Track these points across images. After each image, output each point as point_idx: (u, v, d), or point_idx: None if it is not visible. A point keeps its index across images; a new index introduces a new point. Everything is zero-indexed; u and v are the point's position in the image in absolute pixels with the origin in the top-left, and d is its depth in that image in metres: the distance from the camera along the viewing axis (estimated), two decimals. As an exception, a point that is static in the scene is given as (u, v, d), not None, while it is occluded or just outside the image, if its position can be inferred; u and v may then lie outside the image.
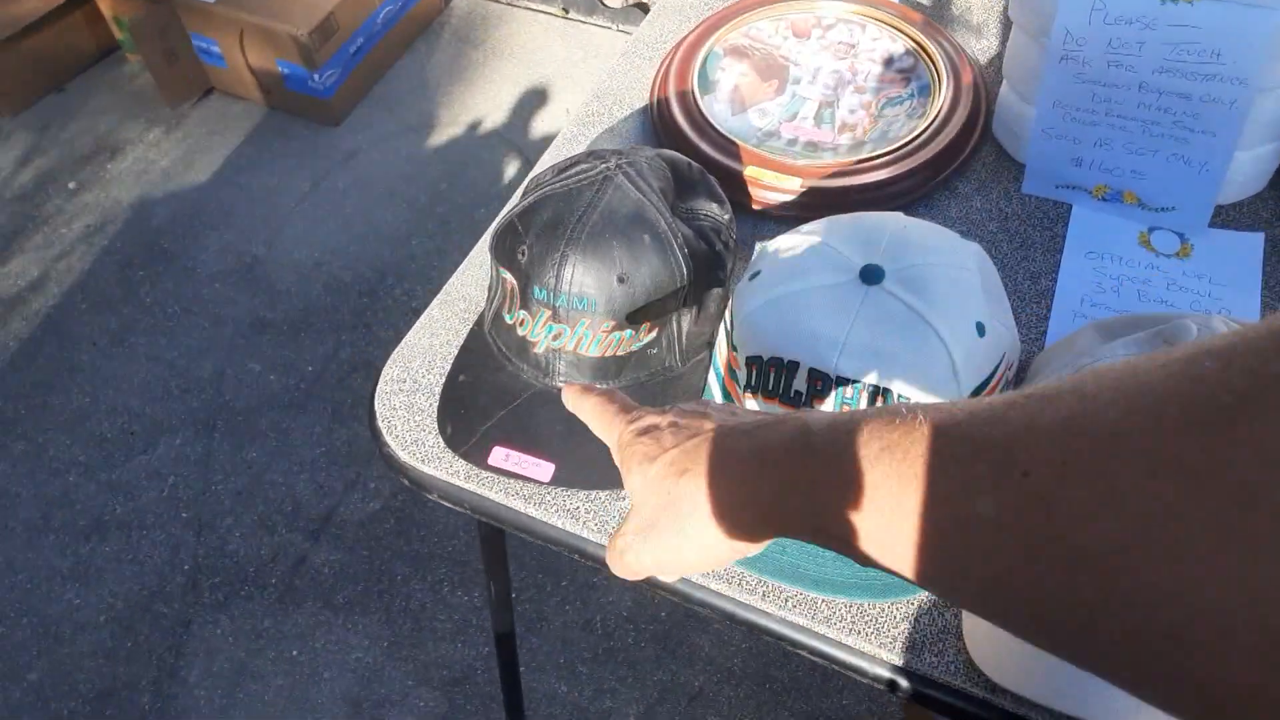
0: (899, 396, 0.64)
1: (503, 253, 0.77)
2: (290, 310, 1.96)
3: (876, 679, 0.65)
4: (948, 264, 0.68)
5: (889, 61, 0.96)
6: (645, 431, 0.49)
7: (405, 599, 1.56)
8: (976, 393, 0.66)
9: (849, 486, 0.36)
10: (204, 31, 2.23)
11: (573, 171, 0.78)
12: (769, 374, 0.68)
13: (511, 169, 2.14)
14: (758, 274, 0.72)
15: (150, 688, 1.51)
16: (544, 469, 0.74)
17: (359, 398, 1.81)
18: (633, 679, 1.45)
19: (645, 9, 2.36)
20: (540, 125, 2.25)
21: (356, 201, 2.15)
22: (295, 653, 1.53)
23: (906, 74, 0.94)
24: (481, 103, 2.32)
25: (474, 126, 2.27)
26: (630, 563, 0.49)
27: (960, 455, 0.33)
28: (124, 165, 2.27)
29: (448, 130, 2.27)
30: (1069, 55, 0.75)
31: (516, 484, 0.74)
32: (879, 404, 0.64)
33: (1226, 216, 0.82)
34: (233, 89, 2.36)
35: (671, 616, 1.50)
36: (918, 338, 0.65)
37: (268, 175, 2.22)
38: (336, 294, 1.98)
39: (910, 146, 0.87)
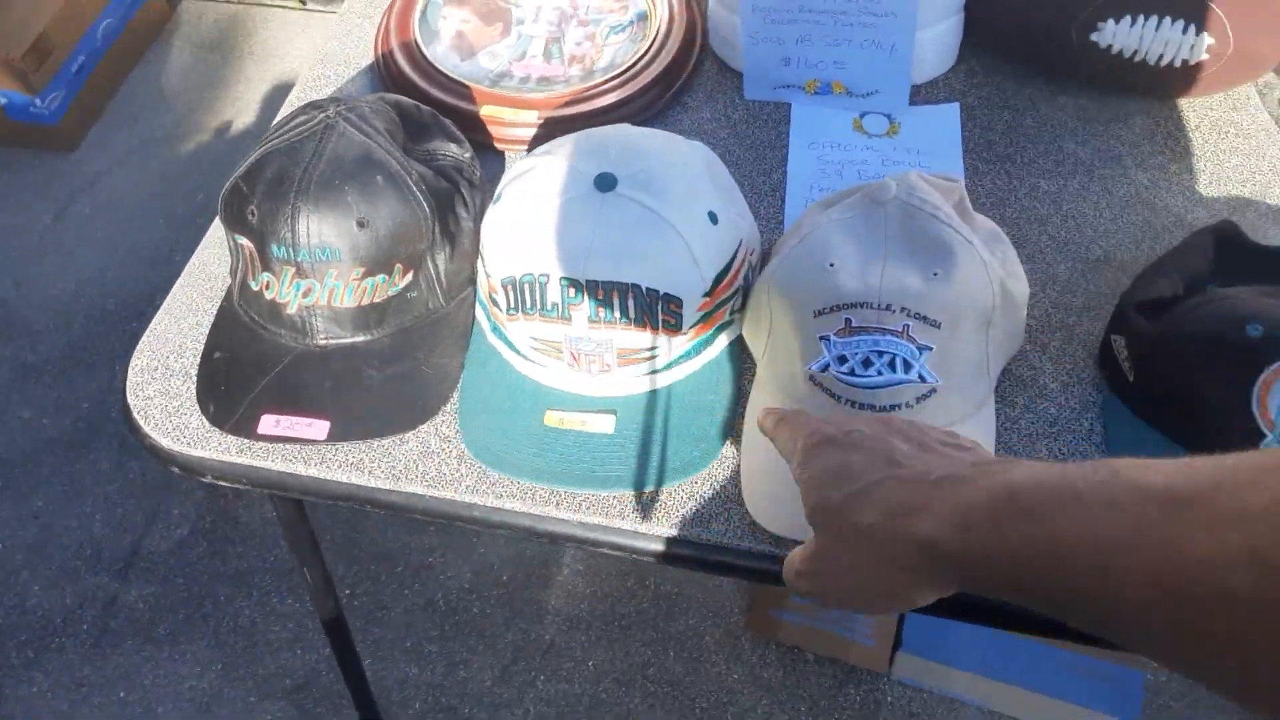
0: (646, 289, 0.67)
1: (232, 217, 0.75)
2: (54, 349, 1.82)
3: (678, 558, 0.68)
4: (674, 163, 0.71)
5: (608, -8, 0.98)
6: (827, 447, 0.49)
7: (233, 618, 1.49)
8: (720, 277, 0.70)
9: (1071, 548, 0.35)
10: (-100, 65, 2.01)
11: (292, 125, 0.76)
12: (524, 291, 0.69)
13: (275, 169, 2.05)
14: (500, 198, 0.73)
15: (-33, 769, 1.38)
16: (318, 427, 0.72)
17: (146, 428, 1.70)
18: (483, 646, 1.45)
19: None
20: (299, 121, 2.16)
21: (108, 226, 2.00)
22: (123, 694, 1.43)
23: (624, 2, 0.97)
24: (228, 107, 2.21)
25: (223, 132, 2.16)
26: (803, 590, 0.49)
27: (1206, 520, 0.31)
28: None
29: (197, 139, 2.15)
30: (758, -42, 0.79)
31: (294, 448, 0.72)
32: (629, 302, 0.67)
33: (926, 94, 0.89)
34: (-53, 124, 2.14)
35: (513, 579, 1.51)
36: (655, 233, 0.67)
37: (2, 214, 2.04)
38: (102, 324, 1.85)
39: (636, 68, 0.90)
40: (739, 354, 0.73)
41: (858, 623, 1.36)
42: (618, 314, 0.68)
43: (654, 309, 0.68)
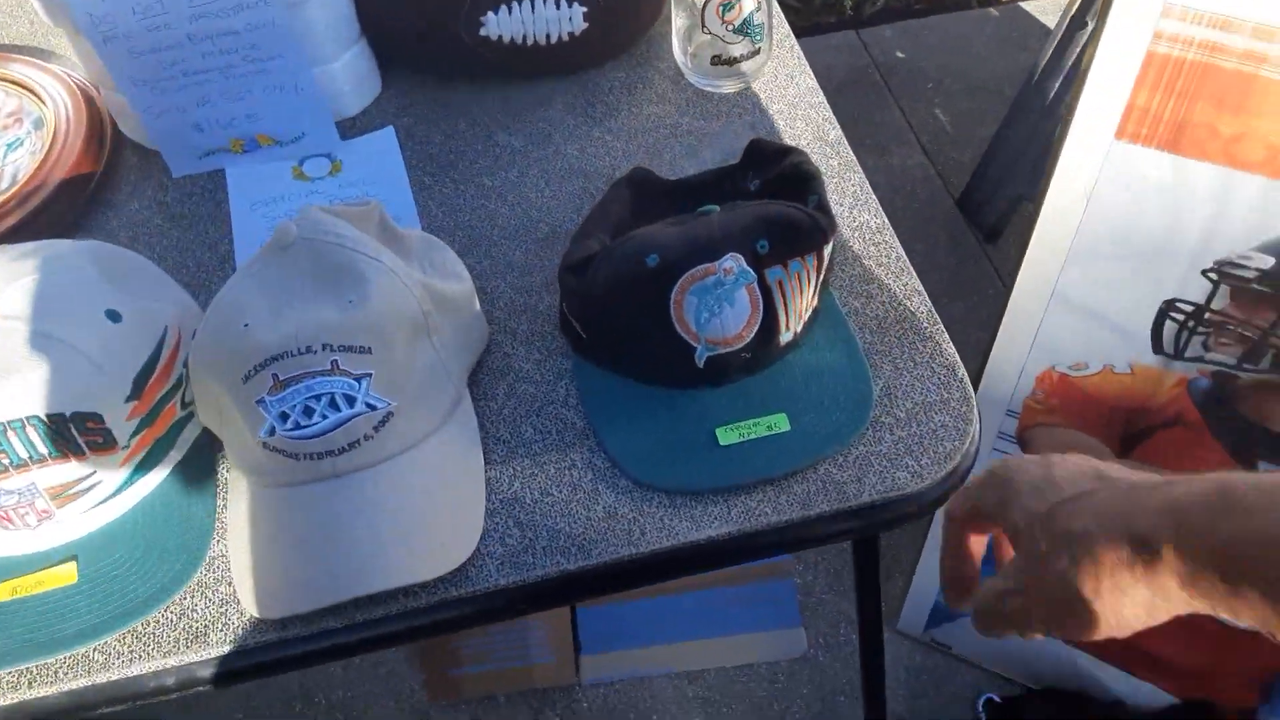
0: (48, 416, 0.58)
1: None
2: None
3: (190, 682, 0.61)
4: (53, 272, 0.63)
5: (-4, 107, 0.87)
6: (1026, 465, 0.49)
7: None
8: (144, 374, 0.62)
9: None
10: None
11: None
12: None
13: None
14: None
15: None
16: None
17: None
18: None
19: None
20: None
21: None
22: None
23: (16, 114, 0.87)
24: None
25: None
26: (1010, 612, 0.47)
27: None
28: None
29: None
30: (109, 36, 0.73)
31: None
32: (31, 436, 0.58)
33: (361, 124, 0.88)
34: None
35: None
36: (35, 351, 0.59)
37: None
38: None
39: (36, 180, 0.81)
40: (211, 448, 0.67)
41: (533, 646, 1.34)
42: (25, 454, 0.58)
43: (67, 434, 0.59)
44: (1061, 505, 0.45)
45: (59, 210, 0.81)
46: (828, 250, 0.66)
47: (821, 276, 0.67)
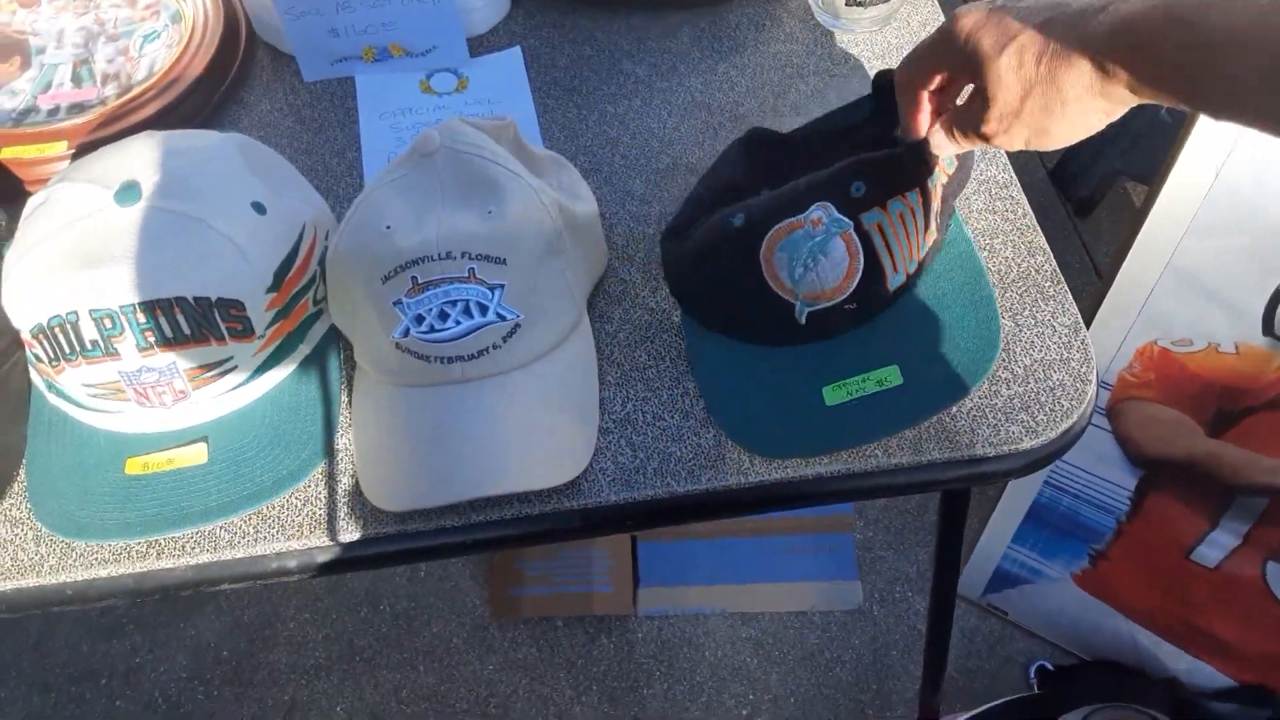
0: (194, 300, 0.61)
1: None
2: None
3: (309, 567, 0.63)
4: (204, 160, 0.65)
5: (132, 2, 0.89)
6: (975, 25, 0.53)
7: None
8: (284, 268, 0.64)
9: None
10: None
11: None
12: (57, 337, 0.61)
13: None
14: (11, 239, 0.64)
15: None
16: None
17: None
18: (218, 732, 1.32)
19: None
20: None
21: None
22: None
23: (154, 7, 0.89)
24: None
25: None
26: (1001, 143, 0.55)
27: None
28: None
29: None
30: (261, -71, 0.74)
31: None
32: (178, 318, 0.60)
33: (488, 43, 0.88)
34: None
35: (236, 651, 1.38)
36: (191, 238, 0.61)
37: None
38: None
39: (174, 73, 0.82)
40: (338, 344, 0.69)
41: (594, 573, 1.37)
42: (170, 333, 0.61)
43: (211, 318, 0.62)
44: (1037, 27, 0.50)
45: (194, 104, 0.82)
46: (933, 181, 0.63)
47: (935, 209, 0.64)
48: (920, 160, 0.61)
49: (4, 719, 1.15)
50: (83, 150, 0.78)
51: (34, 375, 0.68)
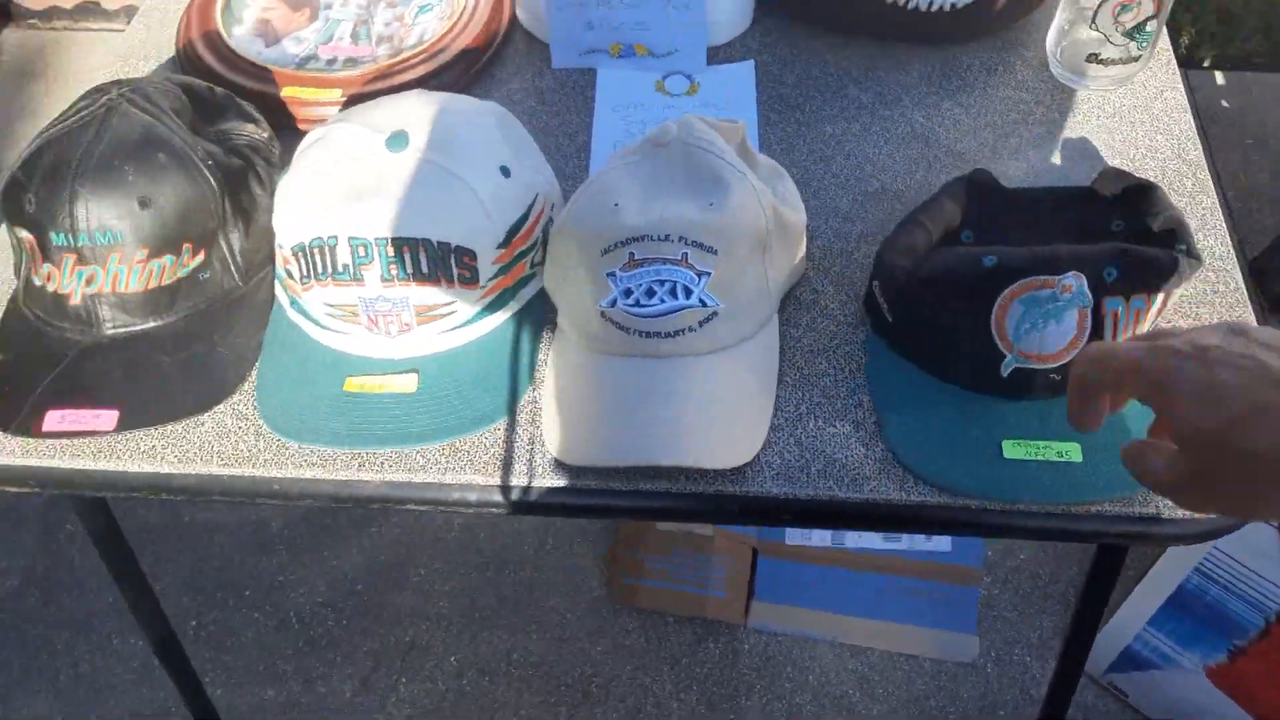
0: (438, 243, 0.67)
1: (10, 209, 0.72)
2: None
3: (485, 503, 0.68)
4: (465, 121, 0.72)
5: (412, -26, 0.99)
6: (1185, 364, 0.43)
7: (72, 666, 1.42)
8: (515, 229, 0.71)
9: None
10: None
11: (73, 111, 0.74)
12: (314, 257, 0.69)
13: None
14: (290, 166, 0.72)
15: None
16: (106, 418, 0.69)
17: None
18: (341, 658, 1.41)
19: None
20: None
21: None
22: (-44, 760, 1.34)
23: (428, -20, 0.98)
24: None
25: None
26: (1185, 506, 0.47)
27: None
28: None
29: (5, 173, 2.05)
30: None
31: (83, 443, 0.69)
32: (420, 256, 0.67)
33: (724, 54, 0.93)
34: None
35: (368, 586, 1.48)
36: (444, 188, 0.68)
37: None
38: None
39: (443, 42, 0.91)
40: (542, 307, 0.75)
41: (711, 578, 1.40)
42: (410, 269, 0.68)
43: (447, 262, 0.68)
44: (1239, 423, 0.41)
45: (454, 74, 0.90)
46: (1178, 292, 0.65)
47: (1159, 315, 0.66)
48: (1175, 273, 0.64)
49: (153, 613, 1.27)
50: (352, 100, 0.87)
51: (278, 291, 0.76)
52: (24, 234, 0.71)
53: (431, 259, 0.68)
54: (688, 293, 0.66)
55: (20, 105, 2.18)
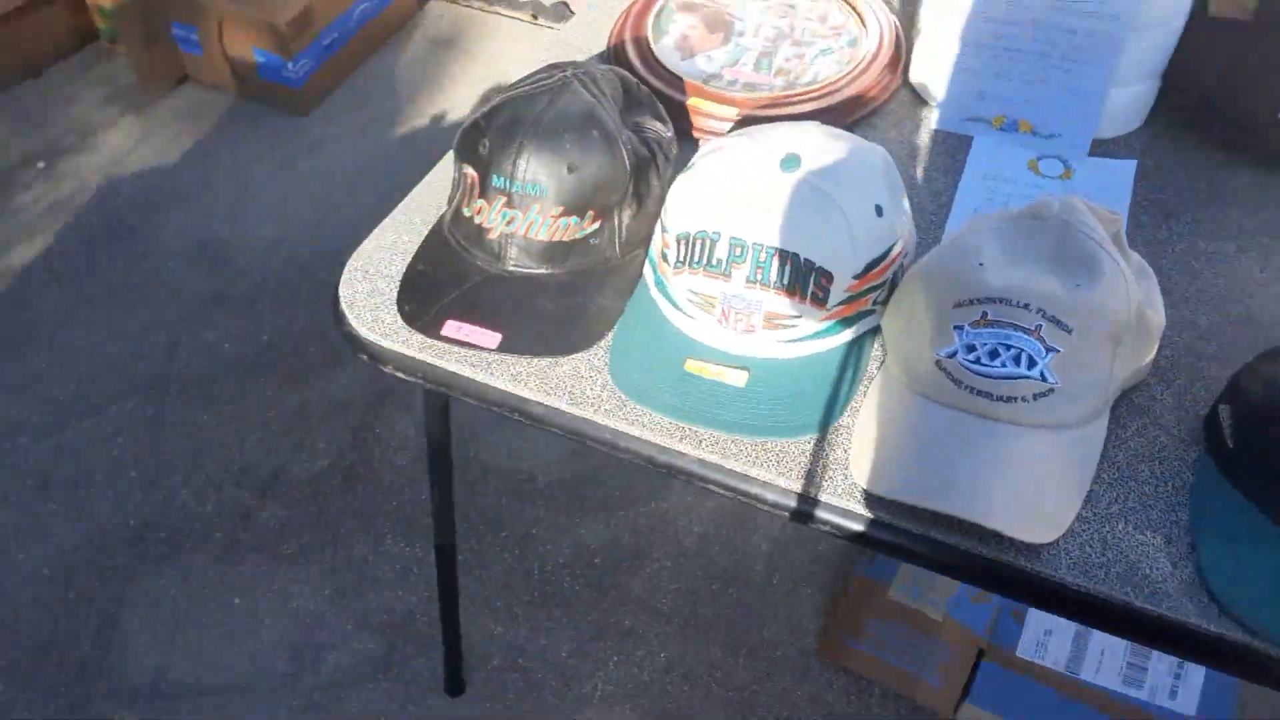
0: (804, 259, 0.74)
1: (465, 148, 0.86)
2: (247, 283, 2.02)
3: (778, 505, 0.73)
4: (854, 159, 0.78)
5: (824, 19, 1.07)
6: None
7: (348, 551, 1.61)
8: (872, 264, 0.76)
9: None
10: (186, 20, 2.30)
11: (533, 79, 0.87)
12: (695, 246, 0.77)
13: (472, 162, 2.22)
14: (692, 166, 0.82)
15: (91, 636, 1.53)
16: (491, 338, 0.81)
17: (312, 365, 1.86)
18: (567, 619, 1.51)
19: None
20: (501, 123, 2.33)
21: (320, 186, 2.22)
22: (237, 601, 1.56)
23: (838, 29, 1.05)
24: (447, 102, 2.41)
25: (438, 122, 2.36)
26: None
27: None
28: (94, 147, 2.32)
29: (414, 125, 2.36)
30: (979, -2, 0.86)
31: (466, 353, 0.81)
32: (786, 268, 0.74)
33: (1106, 149, 0.94)
34: (207, 77, 2.43)
35: (606, 562, 1.57)
36: (823, 212, 0.74)
37: (234, 159, 2.29)
38: (295, 270, 2.04)
39: (836, 85, 0.98)
40: (871, 343, 0.79)
41: (930, 663, 1.36)
42: (774, 277, 0.75)
43: (806, 279, 0.74)
44: None
45: (837, 116, 0.97)
46: None
47: None
48: None
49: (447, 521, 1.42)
50: (744, 120, 0.96)
51: (646, 270, 0.86)
52: (470, 170, 0.85)
53: (795, 272, 0.74)
54: (1032, 364, 0.68)
55: (428, 70, 2.51)
